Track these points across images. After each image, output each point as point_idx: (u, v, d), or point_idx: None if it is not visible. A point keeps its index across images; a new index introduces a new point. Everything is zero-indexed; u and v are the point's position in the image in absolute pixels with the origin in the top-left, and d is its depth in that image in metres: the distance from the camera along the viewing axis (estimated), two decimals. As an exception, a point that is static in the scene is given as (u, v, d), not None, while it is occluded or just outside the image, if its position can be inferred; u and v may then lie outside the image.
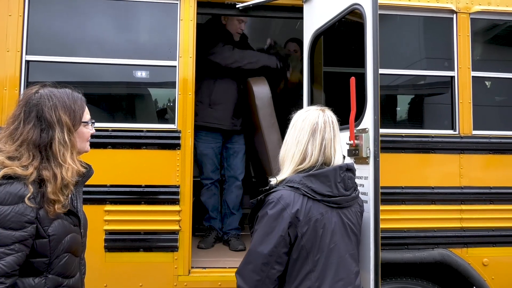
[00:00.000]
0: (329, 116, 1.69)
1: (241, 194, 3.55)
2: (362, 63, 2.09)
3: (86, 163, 1.60)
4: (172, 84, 2.68)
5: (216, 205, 3.51)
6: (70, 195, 1.50)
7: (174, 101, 2.68)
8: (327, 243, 1.55)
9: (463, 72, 2.80)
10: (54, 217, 1.42)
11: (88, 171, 1.59)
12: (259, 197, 1.59)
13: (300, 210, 1.52)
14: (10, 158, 1.39)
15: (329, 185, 1.57)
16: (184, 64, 2.66)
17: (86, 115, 1.56)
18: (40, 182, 1.40)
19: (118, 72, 2.76)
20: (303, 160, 1.62)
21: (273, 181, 1.64)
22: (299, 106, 2.48)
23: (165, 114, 2.99)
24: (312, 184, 1.55)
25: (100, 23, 2.70)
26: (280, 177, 1.64)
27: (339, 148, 1.69)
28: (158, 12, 2.73)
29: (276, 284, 1.56)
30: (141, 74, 2.82)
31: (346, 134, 2.05)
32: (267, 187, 1.63)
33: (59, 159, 1.42)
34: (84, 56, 2.64)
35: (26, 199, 1.34)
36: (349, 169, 1.65)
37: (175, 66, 2.67)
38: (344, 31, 2.72)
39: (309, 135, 1.63)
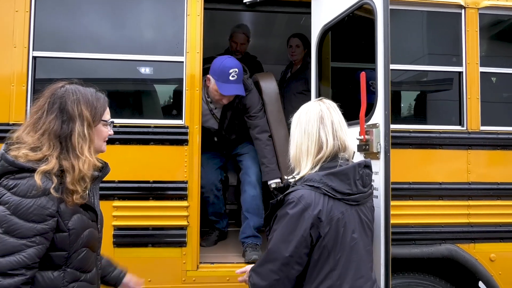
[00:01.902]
0: (329, 102, 1.72)
1: (257, 195, 3.04)
2: (371, 59, 2.08)
3: (102, 160, 1.63)
4: (179, 80, 2.68)
5: (218, 211, 3.27)
6: (87, 190, 1.51)
7: (181, 97, 2.68)
8: (348, 242, 1.53)
9: (471, 67, 2.79)
10: (72, 207, 1.44)
11: (105, 169, 1.62)
12: (279, 197, 1.57)
13: (322, 210, 1.50)
14: (32, 149, 1.42)
15: (348, 183, 1.56)
16: (191, 60, 2.66)
17: (107, 115, 1.60)
18: (61, 174, 1.43)
19: (126, 68, 2.75)
20: (320, 149, 1.60)
21: (291, 179, 1.63)
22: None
23: (172, 110, 2.99)
24: (332, 183, 1.53)
25: (107, 19, 2.69)
26: (300, 174, 1.62)
27: (348, 130, 1.68)
28: (165, 8, 2.72)
29: (294, 283, 1.56)
30: (148, 70, 2.82)
31: (356, 130, 2.05)
32: (282, 185, 1.63)
33: (77, 151, 1.45)
34: (91, 52, 2.63)
35: (51, 189, 1.37)
36: (367, 166, 1.65)
37: (182, 62, 2.66)
38: (353, 26, 2.70)
39: (318, 123, 1.62)
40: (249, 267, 1.82)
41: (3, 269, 1.31)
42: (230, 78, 2.76)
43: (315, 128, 1.61)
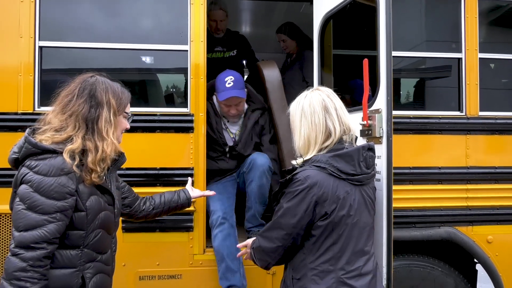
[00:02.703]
0: (326, 89, 1.80)
1: (264, 185, 2.84)
2: (373, 46, 2.13)
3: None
4: (184, 69, 2.72)
5: (234, 251, 2.59)
6: (104, 177, 1.59)
7: (186, 85, 2.72)
8: (350, 218, 1.64)
9: (470, 54, 2.83)
10: (90, 186, 1.53)
11: (122, 157, 1.72)
12: (287, 177, 1.66)
13: (328, 189, 1.60)
14: (57, 130, 1.52)
15: (353, 164, 1.65)
16: (196, 49, 2.69)
17: (128, 109, 1.71)
18: (82, 153, 1.52)
19: (132, 57, 2.79)
20: (327, 137, 1.70)
21: (298, 161, 1.72)
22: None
23: (177, 98, 3.03)
24: (338, 164, 1.62)
25: (112, 9, 2.72)
26: (306, 157, 1.71)
27: (347, 112, 1.77)
28: (169, -3, 2.74)
29: (293, 252, 1.69)
30: (153, 59, 2.85)
31: (359, 115, 2.10)
32: (291, 168, 1.71)
33: (103, 133, 1.55)
34: (96, 42, 2.66)
35: (74, 166, 1.46)
36: (370, 149, 1.74)
37: (187, 51, 2.70)
38: (355, 14, 2.74)
39: (324, 113, 1.70)
40: (250, 240, 1.95)
41: (27, 242, 1.40)
42: (227, 85, 2.83)
43: (322, 119, 1.69)
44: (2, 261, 2.50)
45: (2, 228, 2.52)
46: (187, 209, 2.62)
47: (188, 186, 2.39)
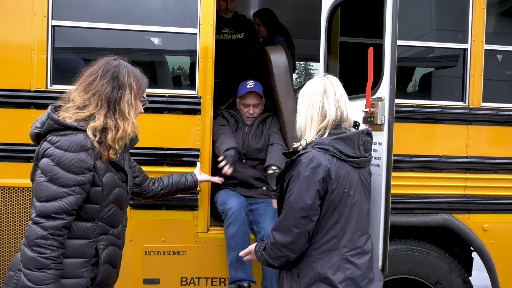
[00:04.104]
0: (332, 77, 1.89)
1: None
2: (379, 34, 2.17)
3: None
4: (193, 51, 2.77)
5: (247, 241, 2.58)
6: (119, 156, 1.68)
7: (194, 68, 2.78)
8: (350, 198, 1.73)
9: (476, 45, 2.85)
10: (106, 163, 1.62)
11: (135, 138, 1.80)
12: (292, 158, 1.75)
13: (331, 169, 1.69)
14: (79, 108, 1.59)
15: (353, 147, 1.74)
16: (205, 32, 2.74)
17: (145, 94, 1.80)
18: (101, 131, 1.60)
19: (142, 38, 2.85)
20: (323, 118, 1.79)
21: (302, 142, 1.80)
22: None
23: (186, 80, 3.09)
24: (339, 146, 1.72)
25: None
26: (308, 139, 1.79)
27: (348, 102, 1.85)
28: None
29: (310, 235, 1.74)
30: (163, 41, 2.90)
31: (362, 102, 2.16)
32: (291, 150, 1.79)
33: (126, 114, 1.63)
34: (108, 22, 2.71)
35: (95, 142, 1.55)
36: (369, 134, 1.83)
37: (196, 34, 2.74)
38: (363, 3, 2.76)
39: (322, 95, 1.80)
40: (252, 246, 1.99)
41: (48, 212, 1.50)
42: (248, 86, 3.05)
43: (319, 100, 1.80)
44: (22, 230, 2.62)
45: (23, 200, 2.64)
46: (192, 188, 2.74)
47: (197, 170, 2.51)
